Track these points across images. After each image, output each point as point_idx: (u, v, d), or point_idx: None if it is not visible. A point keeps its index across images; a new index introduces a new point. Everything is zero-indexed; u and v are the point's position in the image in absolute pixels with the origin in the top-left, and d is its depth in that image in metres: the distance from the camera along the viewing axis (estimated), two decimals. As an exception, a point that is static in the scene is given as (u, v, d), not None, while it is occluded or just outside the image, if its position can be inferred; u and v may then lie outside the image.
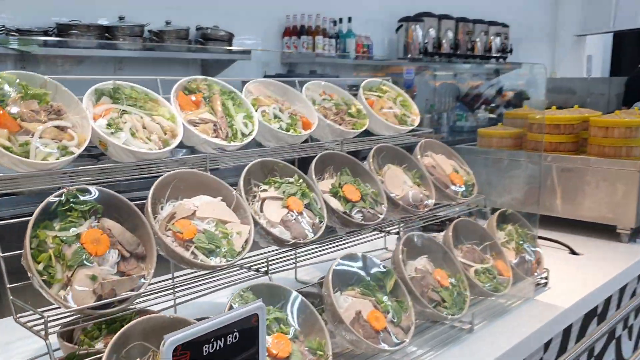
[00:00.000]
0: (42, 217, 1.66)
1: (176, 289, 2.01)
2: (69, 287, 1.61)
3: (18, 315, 1.66)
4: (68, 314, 1.62)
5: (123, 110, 2.06)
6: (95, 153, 2.25)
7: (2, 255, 1.65)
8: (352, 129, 2.75)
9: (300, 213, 2.22)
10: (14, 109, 1.80)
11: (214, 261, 1.88)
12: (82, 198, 1.74)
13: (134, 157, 2.00)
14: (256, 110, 2.45)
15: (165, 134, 2.09)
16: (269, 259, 2.12)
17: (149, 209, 1.86)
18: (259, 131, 2.44)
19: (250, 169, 2.24)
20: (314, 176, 2.40)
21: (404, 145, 3.01)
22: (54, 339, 1.90)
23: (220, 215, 2.00)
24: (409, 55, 9.75)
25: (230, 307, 1.80)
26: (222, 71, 6.90)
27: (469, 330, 2.47)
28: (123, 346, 1.57)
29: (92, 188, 1.78)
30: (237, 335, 1.44)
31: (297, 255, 2.30)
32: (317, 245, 2.47)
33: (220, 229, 1.96)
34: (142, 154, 1.98)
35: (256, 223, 2.10)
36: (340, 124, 2.72)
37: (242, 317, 1.44)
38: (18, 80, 1.87)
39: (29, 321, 1.63)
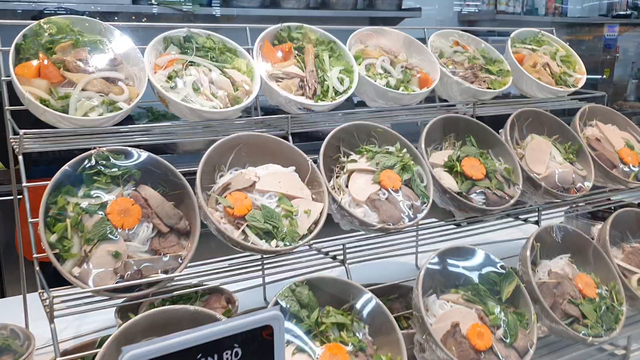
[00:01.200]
0: (65, 181, 1.45)
1: (245, 270, 1.71)
2: (84, 264, 1.39)
3: (40, 290, 1.48)
4: (83, 294, 1.40)
5: (190, 62, 1.78)
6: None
7: (31, 220, 1.47)
8: (488, 88, 2.21)
9: (396, 191, 1.78)
10: (60, 58, 1.61)
11: (268, 244, 1.54)
12: (114, 161, 1.50)
13: (197, 116, 1.72)
14: (359, 64, 2.04)
15: (237, 89, 1.79)
16: (346, 245, 1.72)
17: (199, 178, 1.57)
18: (363, 89, 2.04)
19: (338, 135, 1.85)
20: (423, 145, 1.94)
21: (564, 116, 2.39)
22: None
23: (287, 189, 1.65)
24: (614, 12, 8.43)
25: (276, 304, 1.46)
26: (391, 30, 6.48)
27: (622, 357, 1.86)
28: (130, 340, 1.31)
29: (132, 150, 1.53)
30: (239, 353, 1.09)
31: (384, 242, 1.87)
32: (435, 230, 2.02)
33: (283, 206, 1.61)
34: (204, 113, 1.70)
35: (335, 200, 1.72)
36: (472, 82, 2.20)
37: (245, 329, 1.09)
38: (71, 26, 1.67)
39: (46, 298, 1.43)
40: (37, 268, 1.47)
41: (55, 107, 1.54)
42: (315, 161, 1.76)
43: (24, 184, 1.49)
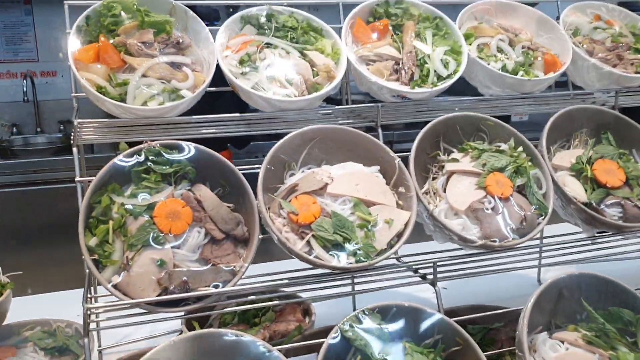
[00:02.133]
0: (112, 178, 1.30)
1: (323, 281, 1.48)
2: (125, 273, 1.23)
3: (91, 295, 1.35)
4: (123, 305, 1.25)
5: (267, 44, 1.57)
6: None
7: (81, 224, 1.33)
8: (637, 72, 1.78)
9: (506, 199, 1.45)
10: (122, 41, 1.46)
11: (336, 260, 1.30)
12: (167, 157, 1.32)
13: (270, 106, 1.51)
14: (470, 44, 1.71)
15: (317, 75, 1.55)
16: (439, 263, 1.43)
17: (260, 179, 1.36)
18: (474, 74, 1.71)
19: (437, 127, 1.55)
20: (545, 142, 1.58)
21: None
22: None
23: (365, 193, 1.39)
24: None
25: (339, 335, 1.21)
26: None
27: None
28: (164, 367, 1.14)
29: (188, 145, 1.35)
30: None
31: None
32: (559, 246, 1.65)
33: (359, 213, 1.36)
34: (277, 102, 1.48)
35: (425, 209, 1.43)
36: (615, 65, 1.78)
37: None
38: (137, 5, 1.52)
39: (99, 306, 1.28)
40: (87, 271, 1.34)
41: (113, 95, 1.40)
42: (407, 159, 1.49)
43: (77, 178, 1.37)
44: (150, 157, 1.31)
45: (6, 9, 4.57)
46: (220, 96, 1.58)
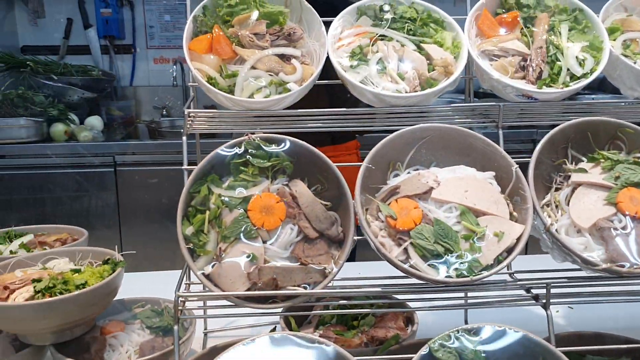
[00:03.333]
0: (213, 169, 1.30)
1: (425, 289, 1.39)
2: (216, 264, 1.23)
3: (186, 282, 1.37)
4: (214, 297, 1.25)
5: (381, 36, 1.49)
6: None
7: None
8: None
9: (640, 219, 1.27)
10: (236, 32, 1.46)
11: (435, 271, 1.20)
12: (266, 150, 1.30)
13: (380, 102, 1.43)
14: (614, 39, 1.51)
15: (434, 69, 1.44)
16: (551, 284, 1.27)
17: (359, 179, 1.29)
18: (617, 73, 1.52)
19: (565, 133, 1.39)
20: (698, 157, 1.36)
21: None
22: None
23: (474, 201, 1.27)
24: None
25: (429, 355, 1.11)
26: None
27: None
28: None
29: (288, 139, 1.32)
30: None
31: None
32: None
33: (465, 223, 1.24)
34: (387, 98, 1.40)
35: (543, 223, 1.28)
36: None
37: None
38: (255, -4, 1.51)
39: (188, 294, 1.30)
40: (187, 256, 1.35)
41: (222, 86, 1.41)
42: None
43: (184, 166, 1.39)
44: (250, 150, 1.30)
45: (163, -3, 4.88)
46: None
